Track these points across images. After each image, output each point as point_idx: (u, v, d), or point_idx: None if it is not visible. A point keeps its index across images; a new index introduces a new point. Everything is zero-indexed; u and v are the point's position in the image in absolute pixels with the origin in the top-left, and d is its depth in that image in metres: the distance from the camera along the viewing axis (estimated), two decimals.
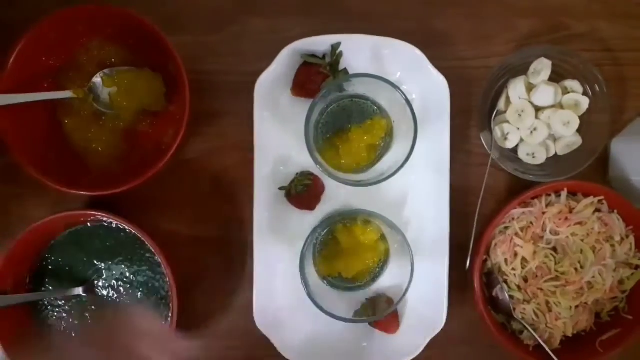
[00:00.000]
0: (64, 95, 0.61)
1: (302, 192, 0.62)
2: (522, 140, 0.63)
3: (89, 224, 0.63)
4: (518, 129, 0.62)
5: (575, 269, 0.60)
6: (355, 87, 0.61)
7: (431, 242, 0.63)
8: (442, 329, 0.62)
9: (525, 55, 0.62)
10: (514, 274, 0.61)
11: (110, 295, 0.63)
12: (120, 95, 0.60)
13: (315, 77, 0.61)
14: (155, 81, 0.61)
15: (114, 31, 0.61)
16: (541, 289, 0.60)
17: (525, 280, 0.62)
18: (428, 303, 0.63)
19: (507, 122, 0.63)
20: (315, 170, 0.64)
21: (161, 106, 0.62)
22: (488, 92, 0.64)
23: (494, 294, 0.62)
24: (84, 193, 0.59)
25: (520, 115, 0.62)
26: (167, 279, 0.60)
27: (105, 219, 0.61)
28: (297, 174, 0.64)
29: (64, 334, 0.63)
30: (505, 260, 0.61)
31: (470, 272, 0.62)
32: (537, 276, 0.61)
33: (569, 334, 0.62)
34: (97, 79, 0.61)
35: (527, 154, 0.63)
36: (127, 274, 0.63)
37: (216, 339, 0.66)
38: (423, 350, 0.61)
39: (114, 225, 0.63)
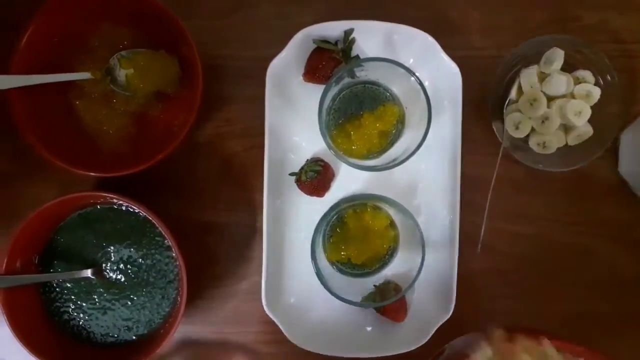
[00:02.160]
0: (81, 77, 0.61)
1: (313, 178, 0.62)
2: (533, 129, 0.63)
3: (98, 206, 0.63)
4: (529, 118, 0.62)
5: None
6: (368, 73, 0.61)
7: (441, 231, 0.63)
8: (448, 319, 0.62)
9: (538, 44, 0.62)
10: None
11: (119, 277, 0.63)
12: (137, 76, 0.60)
13: (328, 63, 0.61)
14: (171, 64, 0.61)
15: (127, 14, 0.61)
16: None
17: None
18: (436, 291, 0.63)
19: (519, 111, 0.62)
20: (326, 156, 0.64)
21: (175, 89, 0.62)
22: (500, 81, 0.63)
23: None
24: (95, 174, 0.59)
25: (532, 104, 0.62)
26: (177, 262, 0.60)
27: (115, 200, 0.61)
28: (307, 160, 0.64)
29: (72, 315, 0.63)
30: None
31: None
32: None
33: None
34: (114, 61, 0.61)
35: (538, 144, 0.63)
36: (136, 257, 0.63)
37: (224, 323, 0.66)
38: (429, 339, 0.61)
39: (123, 208, 0.63)
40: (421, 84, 0.55)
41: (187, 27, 0.58)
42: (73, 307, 0.63)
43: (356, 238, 0.61)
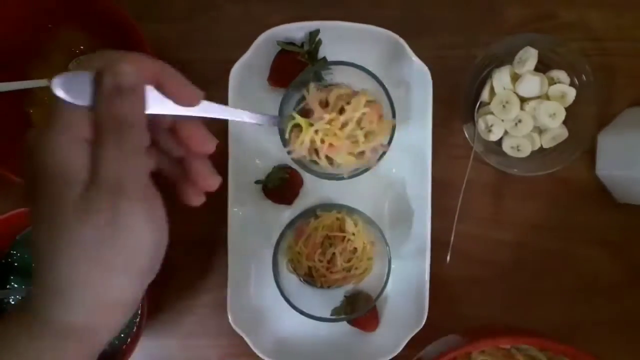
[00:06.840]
0: (38, 84, 0.58)
1: (280, 185, 0.60)
2: (506, 132, 0.61)
3: None
4: (502, 120, 0.60)
5: None
6: (334, 76, 0.58)
7: (412, 236, 0.61)
8: (423, 328, 0.60)
9: (511, 44, 0.60)
10: None
11: None
12: None
13: (293, 66, 0.59)
14: None
15: (82, 17, 0.58)
16: None
17: None
18: (408, 300, 0.61)
19: (491, 113, 0.60)
20: (294, 163, 0.61)
21: None
22: (472, 82, 0.61)
23: None
24: None
25: (504, 106, 0.59)
26: None
27: None
28: (274, 167, 0.62)
29: None
30: None
31: None
32: None
33: None
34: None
35: (512, 147, 0.61)
36: None
37: (190, 337, 0.64)
38: (403, 348, 0.60)
39: None
40: (385, 89, 0.53)
41: (151, 30, 0.56)
42: None
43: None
